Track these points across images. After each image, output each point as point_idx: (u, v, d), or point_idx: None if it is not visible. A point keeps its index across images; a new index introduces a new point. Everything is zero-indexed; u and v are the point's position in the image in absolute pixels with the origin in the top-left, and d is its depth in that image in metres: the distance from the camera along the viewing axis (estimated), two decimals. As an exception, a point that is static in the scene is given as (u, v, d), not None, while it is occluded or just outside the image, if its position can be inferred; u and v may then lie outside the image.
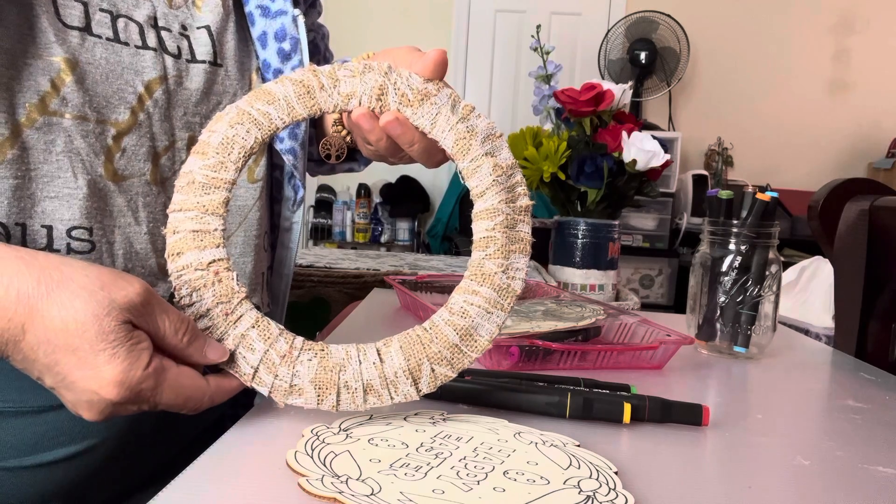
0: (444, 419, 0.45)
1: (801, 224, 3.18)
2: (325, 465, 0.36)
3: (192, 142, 0.60)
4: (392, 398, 0.43)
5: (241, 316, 0.42)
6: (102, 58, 0.53)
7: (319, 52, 0.80)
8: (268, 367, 0.42)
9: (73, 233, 0.53)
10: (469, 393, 0.49)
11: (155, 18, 0.58)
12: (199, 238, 0.42)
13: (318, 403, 0.42)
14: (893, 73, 3.72)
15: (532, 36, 1.28)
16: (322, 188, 3.91)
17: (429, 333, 0.43)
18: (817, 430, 0.52)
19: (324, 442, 0.39)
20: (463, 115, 0.45)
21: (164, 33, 0.58)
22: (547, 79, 1.23)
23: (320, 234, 3.83)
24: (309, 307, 1.20)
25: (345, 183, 3.89)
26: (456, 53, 3.90)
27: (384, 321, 0.80)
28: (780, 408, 0.56)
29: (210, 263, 0.42)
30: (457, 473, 0.36)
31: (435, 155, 0.49)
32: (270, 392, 0.42)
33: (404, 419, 0.44)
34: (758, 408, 0.56)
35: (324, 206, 3.86)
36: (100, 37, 0.53)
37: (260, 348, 0.42)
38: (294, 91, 0.44)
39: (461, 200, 3.61)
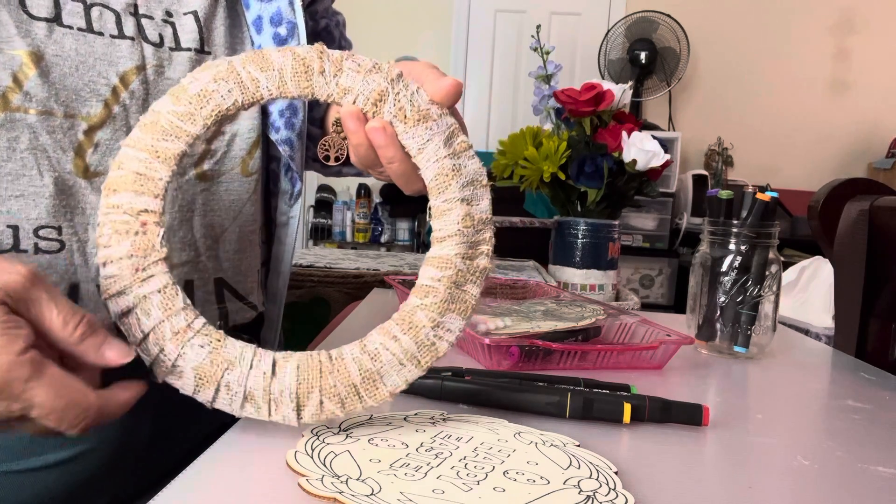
0: (444, 419, 0.45)
1: (801, 224, 3.18)
2: (325, 465, 0.36)
3: None
4: (270, 415, 0.40)
5: (151, 276, 0.39)
6: (72, 49, 0.51)
7: (334, 41, 0.77)
8: (157, 338, 0.39)
9: (41, 232, 0.51)
10: (469, 393, 0.49)
11: (135, 6, 0.55)
12: (140, 182, 0.39)
13: (193, 392, 0.39)
14: (893, 73, 3.72)
15: (532, 36, 1.28)
16: (322, 188, 3.91)
17: (332, 364, 0.40)
18: (817, 430, 0.52)
19: (324, 442, 0.39)
20: (455, 151, 0.42)
21: (144, 21, 0.55)
22: (547, 79, 1.23)
23: (320, 234, 3.83)
24: (309, 307, 1.20)
25: (345, 183, 3.89)
26: (456, 53, 3.89)
27: (384, 321, 0.80)
28: (780, 408, 0.56)
29: (141, 212, 0.39)
30: (457, 473, 0.36)
31: (414, 182, 0.45)
32: (151, 364, 0.39)
33: (404, 419, 0.44)
34: (758, 408, 0.56)
35: (324, 206, 3.86)
36: (70, 27, 0.51)
37: (156, 316, 0.39)
38: (292, 66, 0.41)
39: (461, 200, 3.61)
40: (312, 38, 0.72)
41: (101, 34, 0.53)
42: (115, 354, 0.37)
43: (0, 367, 0.32)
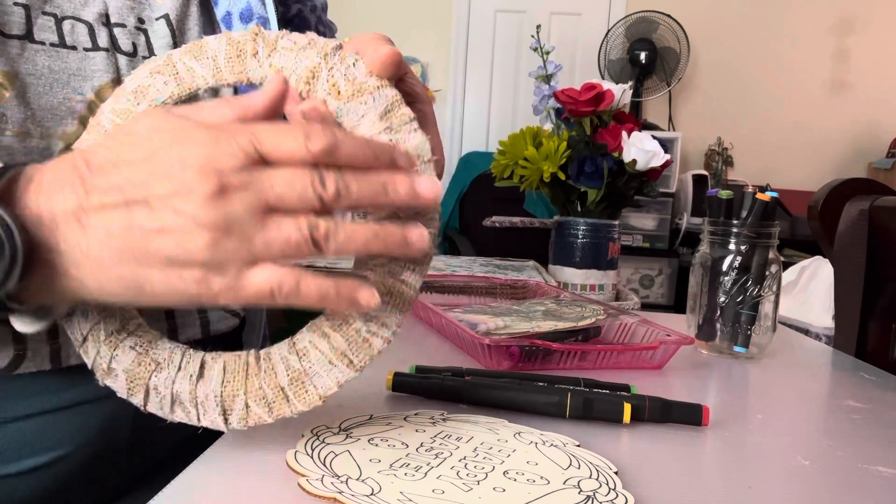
0: (444, 419, 0.45)
1: (801, 224, 3.17)
2: (325, 465, 0.36)
3: None
4: (199, 420, 0.38)
5: None
6: (45, 66, 0.49)
7: (309, 26, 0.74)
8: (94, 339, 0.38)
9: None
10: (469, 393, 0.49)
11: (107, 15, 0.53)
12: None
13: (128, 395, 0.38)
14: (893, 73, 3.72)
15: (532, 36, 1.28)
16: (322, 188, 3.90)
17: (257, 364, 0.38)
18: (817, 430, 0.52)
19: (324, 442, 0.39)
20: (392, 125, 0.38)
21: (117, 30, 0.53)
22: (547, 79, 1.23)
23: (320, 234, 3.83)
24: (308, 307, 1.19)
25: (345, 183, 3.89)
26: (456, 53, 3.89)
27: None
28: (780, 408, 0.56)
29: None
30: (457, 473, 0.36)
31: None
32: (92, 366, 0.39)
33: (404, 419, 0.44)
34: (758, 408, 0.56)
35: (324, 206, 3.86)
36: (42, 43, 0.49)
37: (92, 317, 0.38)
38: (226, 51, 0.40)
39: (461, 200, 3.61)
40: (283, 25, 0.69)
41: (74, 48, 0.51)
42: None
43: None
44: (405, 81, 0.43)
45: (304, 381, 0.38)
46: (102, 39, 0.52)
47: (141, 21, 0.55)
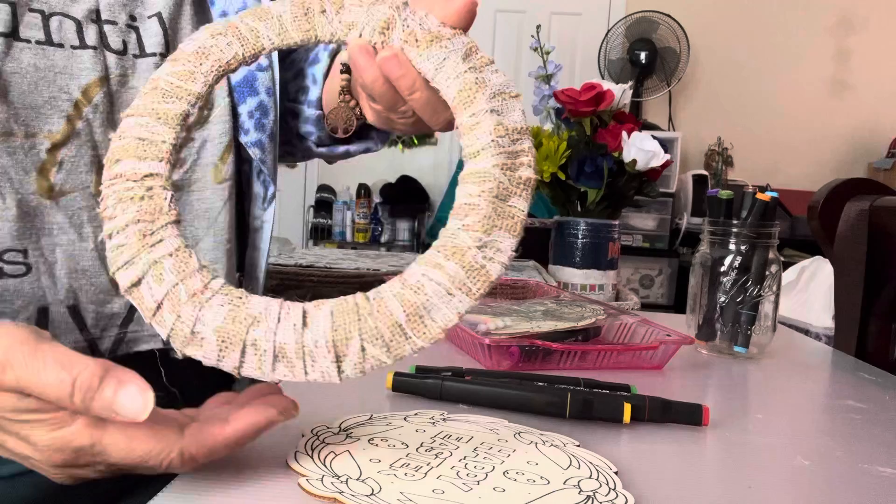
0: (444, 419, 0.45)
1: (801, 224, 3.17)
2: (325, 465, 0.36)
3: None
4: (307, 373, 0.35)
5: (160, 240, 0.36)
6: (31, 64, 0.48)
7: None
8: (172, 303, 0.35)
9: (6, 256, 0.48)
10: (469, 393, 0.49)
11: (97, 12, 0.52)
12: (143, 147, 0.37)
13: (218, 360, 0.35)
14: (893, 73, 3.72)
15: (532, 36, 1.28)
16: (322, 188, 3.91)
17: (370, 304, 0.36)
18: (817, 430, 0.52)
19: (324, 442, 0.39)
20: (475, 65, 0.38)
21: (107, 27, 0.52)
22: (547, 79, 1.23)
23: (320, 234, 3.83)
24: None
25: (345, 183, 3.89)
26: (456, 53, 3.89)
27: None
28: (780, 408, 0.56)
29: (145, 176, 0.37)
30: (457, 473, 0.36)
31: (442, 110, 0.41)
32: (169, 336, 0.36)
33: (404, 419, 0.44)
34: (758, 408, 0.56)
35: (324, 206, 3.86)
36: (28, 41, 0.48)
37: (169, 280, 0.35)
38: (291, 11, 0.39)
39: (461, 200, 3.61)
40: None
41: (60, 46, 0.50)
42: (129, 401, 0.32)
43: (61, 445, 0.32)
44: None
45: (423, 316, 0.36)
46: (91, 37, 0.51)
47: (133, 18, 0.54)
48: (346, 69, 0.58)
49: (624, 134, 1.15)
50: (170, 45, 0.56)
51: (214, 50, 0.39)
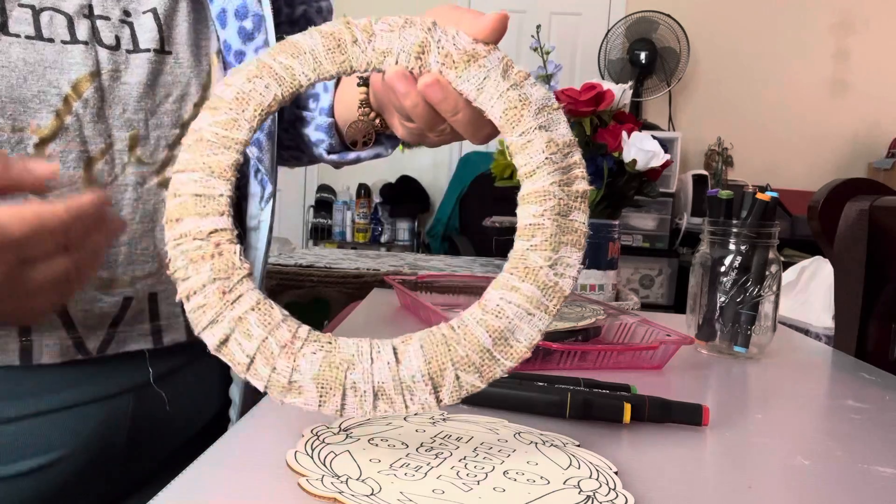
0: (444, 419, 0.45)
1: (801, 224, 3.18)
2: (325, 465, 0.36)
3: (134, 141, 0.53)
4: (407, 407, 0.37)
5: (240, 296, 0.37)
6: (20, 59, 0.48)
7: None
8: (265, 357, 0.36)
9: None
10: (469, 393, 0.49)
11: (90, 7, 0.52)
12: (202, 203, 0.37)
13: (319, 405, 0.36)
14: (893, 73, 3.72)
15: (532, 36, 1.28)
16: (322, 188, 3.91)
17: (456, 333, 0.37)
18: (817, 430, 0.52)
19: (324, 442, 0.39)
20: (516, 82, 0.39)
21: (100, 22, 0.52)
22: (547, 79, 1.23)
23: (320, 234, 3.84)
24: (309, 307, 1.20)
25: (345, 183, 3.89)
26: (456, 53, 3.89)
27: (384, 321, 0.80)
28: (780, 408, 0.56)
29: (211, 233, 0.37)
30: (457, 473, 0.36)
31: (483, 127, 0.42)
32: (266, 387, 0.37)
33: (404, 419, 0.44)
34: (758, 408, 0.56)
35: (324, 206, 3.86)
36: (17, 35, 0.48)
37: (258, 335, 0.36)
38: (323, 44, 0.39)
39: (461, 200, 3.62)
40: (289, 26, 0.68)
41: (51, 41, 0.50)
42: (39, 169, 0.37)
43: None
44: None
45: (508, 338, 0.37)
46: (82, 32, 0.51)
47: (126, 13, 0.54)
48: (364, 82, 0.57)
49: (624, 134, 1.15)
50: (164, 41, 0.55)
51: (254, 94, 0.39)
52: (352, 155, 0.69)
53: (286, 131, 0.69)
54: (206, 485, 0.35)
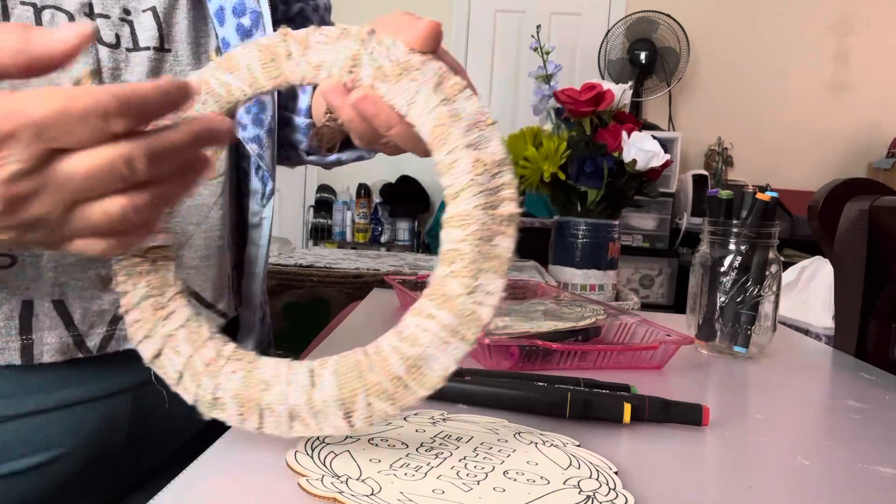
0: (444, 419, 0.45)
1: (801, 224, 3.18)
2: (325, 465, 0.36)
3: None
4: (321, 429, 0.37)
5: (171, 312, 0.38)
6: None
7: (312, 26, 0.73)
8: (192, 374, 0.38)
9: None
10: (469, 393, 0.49)
11: (90, 5, 0.52)
12: None
13: (240, 422, 0.37)
14: (893, 73, 3.72)
15: (532, 36, 1.28)
16: (322, 188, 3.91)
17: (369, 359, 0.37)
18: (817, 430, 0.52)
19: (324, 442, 0.39)
20: (447, 96, 0.37)
21: (100, 20, 0.52)
22: (547, 79, 1.23)
23: (320, 234, 3.84)
24: (309, 307, 1.20)
25: (345, 183, 3.90)
26: (456, 53, 3.89)
27: (384, 321, 0.80)
28: (780, 408, 0.56)
29: (149, 250, 0.38)
30: (457, 473, 0.36)
31: (422, 141, 0.41)
32: (195, 401, 0.38)
33: (404, 419, 0.44)
34: (758, 408, 0.56)
35: (324, 206, 3.86)
36: None
37: (185, 352, 0.38)
38: (259, 58, 0.39)
39: (461, 200, 3.61)
40: (286, 23, 0.68)
41: None
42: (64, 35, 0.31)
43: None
44: (437, 54, 0.41)
45: (421, 367, 0.36)
46: None
47: (126, 12, 0.54)
48: None
49: (624, 134, 1.15)
50: (164, 40, 0.55)
51: (191, 113, 0.39)
52: (332, 157, 0.69)
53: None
54: (207, 485, 0.35)
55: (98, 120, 0.30)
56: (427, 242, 3.78)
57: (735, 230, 0.70)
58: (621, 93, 1.17)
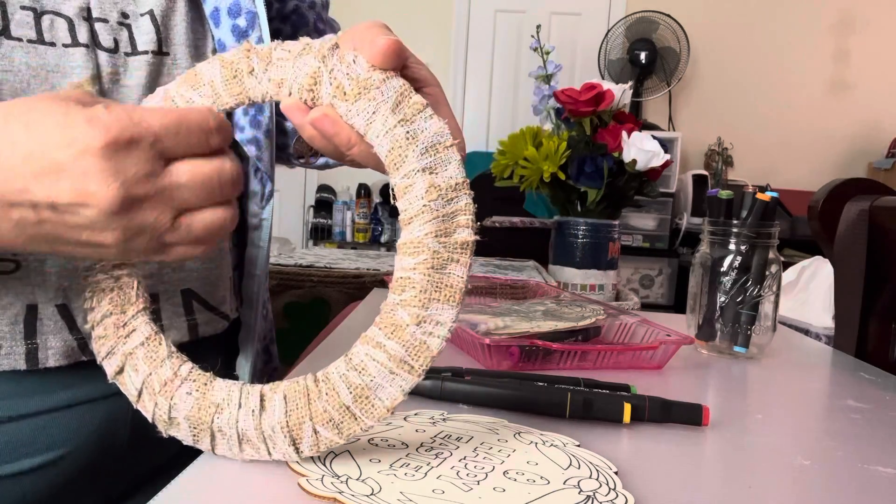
0: (444, 419, 0.45)
1: (801, 224, 3.18)
2: (325, 465, 0.36)
3: None
4: (270, 453, 0.37)
5: (133, 330, 0.39)
6: (23, 63, 0.48)
7: (307, 23, 0.70)
8: (150, 392, 0.38)
9: None
10: (469, 393, 0.49)
11: (88, 10, 0.51)
12: None
13: (194, 442, 0.38)
14: (893, 73, 3.72)
15: (532, 36, 1.28)
16: (322, 188, 3.91)
17: (318, 387, 0.36)
18: (817, 430, 0.52)
19: (324, 442, 0.39)
20: (406, 116, 0.36)
21: (98, 25, 0.52)
22: (547, 79, 1.23)
23: (320, 234, 3.84)
24: (309, 307, 1.20)
25: (345, 183, 3.90)
26: (456, 53, 3.90)
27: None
28: (780, 408, 0.56)
29: (114, 268, 0.39)
30: (457, 473, 0.36)
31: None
32: (153, 419, 0.38)
33: (404, 419, 0.44)
34: (758, 408, 0.56)
35: (324, 206, 3.86)
36: (20, 39, 0.48)
37: (143, 370, 0.38)
38: (221, 74, 0.39)
39: (461, 200, 3.61)
40: (280, 21, 0.67)
41: (52, 44, 0.49)
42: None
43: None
44: (409, 68, 0.41)
45: (369, 396, 0.36)
46: (82, 35, 0.51)
47: (125, 16, 0.53)
48: None
49: (624, 134, 1.15)
50: (162, 43, 0.55)
51: None
52: (320, 160, 0.68)
53: None
54: (207, 485, 0.35)
55: (203, 134, 0.35)
56: (427, 242, 3.78)
57: (735, 230, 0.70)
58: (621, 93, 1.18)
